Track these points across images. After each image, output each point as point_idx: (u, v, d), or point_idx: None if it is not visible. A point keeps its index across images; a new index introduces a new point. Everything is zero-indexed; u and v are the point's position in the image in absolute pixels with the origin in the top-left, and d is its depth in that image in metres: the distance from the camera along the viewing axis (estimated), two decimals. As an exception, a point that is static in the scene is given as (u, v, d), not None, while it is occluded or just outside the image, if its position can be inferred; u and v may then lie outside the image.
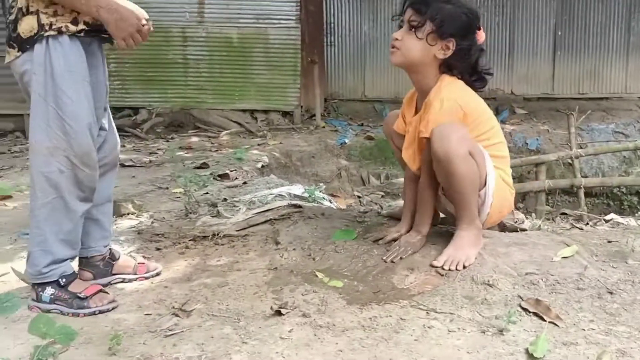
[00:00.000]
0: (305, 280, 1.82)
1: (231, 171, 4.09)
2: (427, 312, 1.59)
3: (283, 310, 1.59)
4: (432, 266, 1.84)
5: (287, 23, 6.53)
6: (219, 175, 3.86)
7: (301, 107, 6.98)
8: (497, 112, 7.04)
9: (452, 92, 1.87)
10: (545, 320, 1.50)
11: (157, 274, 1.96)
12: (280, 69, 6.68)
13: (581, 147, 5.35)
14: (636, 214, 5.94)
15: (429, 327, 1.50)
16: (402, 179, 4.97)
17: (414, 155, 2.00)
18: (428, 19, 1.86)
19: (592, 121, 6.79)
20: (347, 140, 6.46)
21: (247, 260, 2.05)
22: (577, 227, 2.45)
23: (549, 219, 4.32)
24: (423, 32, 1.86)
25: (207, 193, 3.21)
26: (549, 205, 5.81)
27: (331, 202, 3.25)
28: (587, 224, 2.71)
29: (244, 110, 6.78)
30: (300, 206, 2.59)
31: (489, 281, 1.74)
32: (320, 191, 3.35)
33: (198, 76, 6.61)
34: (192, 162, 4.48)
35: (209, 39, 6.55)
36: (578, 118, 5.49)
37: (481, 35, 1.96)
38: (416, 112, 2.02)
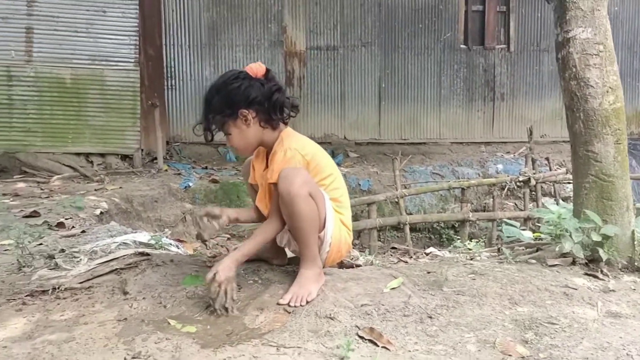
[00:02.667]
0: (158, 329, 1.85)
1: (66, 219, 3.88)
2: (277, 348, 1.71)
3: (136, 361, 1.60)
4: (279, 304, 1.98)
5: (125, 65, 6.41)
6: (52, 224, 3.65)
7: (142, 150, 6.83)
8: (333, 156, 7.57)
9: (292, 142, 2.09)
10: (378, 346, 1.72)
11: (-8, 335, 1.83)
12: (118, 112, 6.50)
13: (405, 187, 5.99)
14: (452, 246, 6.71)
15: (279, 362, 1.62)
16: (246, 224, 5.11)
17: (267, 204, 2.16)
18: (217, 124, 2.12)
19: (413, 164, 7.61)
20: (191, 184, 6.44)
21: (93, 313, 2.00)
22: (402, 260, 2.79)
23: (380, 253, 4.74)
24: (229, 127, 2.11)
25: (41, 244, 3.02)
26: (380, 240, 6.36)
27: (178, 248, 3.26)
28: (411, 257, 3.09)
29: (78, 154, 6.44)
30: (147, 254, 2.58)
31: (330, 314, 1.92)
32: (166, 237, 3.34)
33: (25, 117, 6.17)
34: (20, 210, 4.15)
35: (39, 79, 6.17)
36: (402, 161, 6.14)
37: (254, 69, 2.12)
38: (267, 166, 2.19)
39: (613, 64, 2.51)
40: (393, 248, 6.50)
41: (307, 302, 1.97)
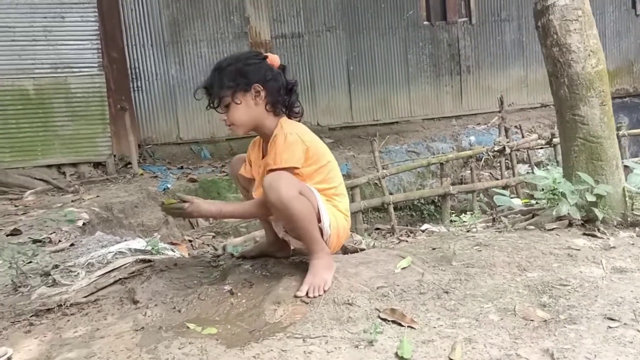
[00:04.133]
0: (178, 334, 1.82)
1: (50, 234, 3.79)
2: (303, 340, 1.71)
3: (167, 368, 1.58)
4: (296, 297, 1.98)
5: (89, 71, 6.25)
6: (38, 240, 3.56)
7: (114, 156, 6.69)
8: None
9: (293, 128, 2.07)
10: (403, 326, 1.74)
11: (9, 359, 1.78)
12: (86, 119, 6.34)
13: (384, 168, 6.02)
14: (434, 220, 6.80)
15: (309, 353, 1.63)
16: (232, 219, 5.07)
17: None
18: (225, 91, 2.04)
19: (388, 144, 7.66)
20: (169, 185, 6.35)
21: (108, 326, 1.96)
22: (403, 240, 2.82)
23: (370, 235, 4.77)
24: (233, 100, 2.04)
25: (30, 262, 2.94)
26: (365, 223, 6.40)
27: (174, 252, 3.22)
28: (409, 235, 3.12)
29: (49, 166, 6.28)
30: (149, 260, 2.54)
31: (348, 300, 1.93)
32: (160, 241, 3.29)
33: (-10, 134, 5.97)
34: (-1, 229, 4.04)
35: (0, 93, 5.96)
36: (379, 142, 6.17)
37: (273, 59, 2.14)
38: (263, 156, 2.17)
39: (592, 27, 2.56)
40: (377, 229, 6.56)
41: (324, 292, 1.97)
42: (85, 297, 2.28)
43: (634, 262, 2.07)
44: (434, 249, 2.38)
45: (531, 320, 1.70)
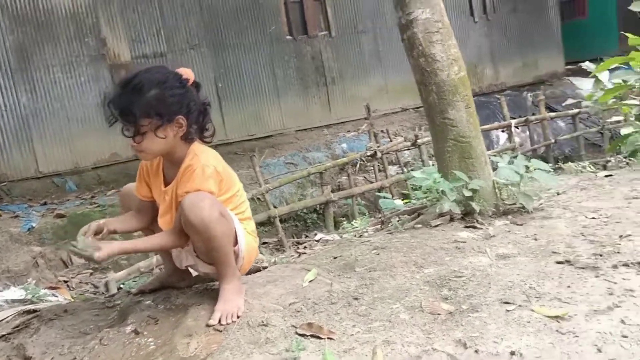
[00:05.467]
0: (86, 386, 1.69)
1: None
2: (224, 370, 1.67)
3: None
4: (208, 326, 1.92)
5: None
6: None
7: (-36, 198, 6.00)
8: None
9: (209, 159, 1.99)
10: (322, 338, 1.76)
11: None
12: None
13: (267, 182, 6.05)
14: (318, 227, 6.94)
15: (234, 382, 1.59)
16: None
17: (170, 220, 2.04)
18: (145, 120, 1.90)
19: (266, 158, 7.71)
20: (34, 224, 5.84)
21: (0, 391, 1.76)
22: (301, 253, 2.86)
23: (267, 251, 4.76)
24: (153, 131, 1.92)
25: None
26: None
27: (57, 296, 2.97)
28: (305, 247, 3.18)
29: None
30: (34, 310, 2.31)
31: (263, 321, 1.91)
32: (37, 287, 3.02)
33: None
34: None
35: None
36: (260, 157, 6.19)
37: (188, 75, 2.01)
38: (165, 180, 2.06)
39: (452, 37, 2.81)
40: (264, 243, 6.56)
41: (238, 317, 1.94)
42: (-38, 362, 2.02)
43: (514, 248, 2.30)
44: (335, 257, 2.44)
45: (438, 314, 1.81)
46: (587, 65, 6.98)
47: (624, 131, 6.72)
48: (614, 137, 7.83)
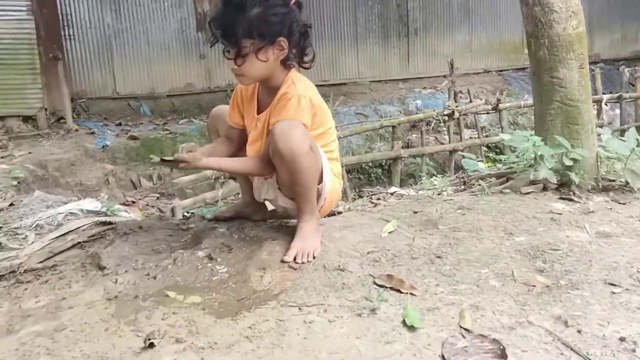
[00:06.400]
0: (158, 303, 1.66)
1: (-19, 193, 3.45)
2: (299, 308, 1.60)
3: (155, 341, 1.43)
4: (283, 262, 1.86)
5: (17, 15, 5.70)
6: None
7: (45, 109, 6.20)
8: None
9: (305, 89, 1.89)
10: (403, 293, 1.66)
11: (-39, 335, 1.56)
12: (14, 68, 5.81)
13: (337, 130, 5.92)
14: (381, 183, 6.79)
15: (310, 322, 1.52)
16: (182, 178, 4.83)
17: (260, 149, 1.97)
18: (247, 41, 1.80)
19: (338, 105, 7.55)
20: (108, 143, 5.99)
21: (75, 295, 1.77)
22: (377, 203, 2.74)
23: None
24: (255, 53, 1.81)
25: (-37, 224, 2.64)
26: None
27: (130, 213, 3.00)
28: (379, 198, 3.05)
29: (-28, 119, 5.73)
30: (110, 222, 2.32)
31: (339, 266, 1.83)
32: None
33: None
34: None
35: None
36: (334, 103, 6.05)
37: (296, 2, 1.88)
38: (259, 108, 1.99)
39: (574, -12, 2.52)
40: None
41: (314, 257, 1.86)
42: (40, 262, 2.06)
43: (617, 227, 2.09)
44: (415, 212, 2.31)
45: (533, 285, 1.66)
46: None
47: None
48: None
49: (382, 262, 1.87)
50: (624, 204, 2.36)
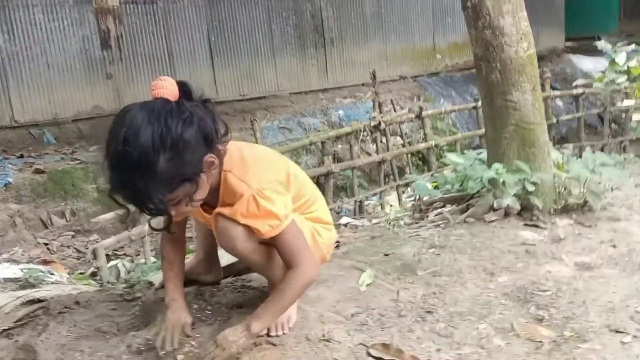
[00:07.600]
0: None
1: None
2: (293, 402, 1.38)
3: None
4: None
5: None
6: None
7: None
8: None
9: (259, 177, 1.55)
10: (404, 365, 1.49)
11: None
12: None
13: (265, 148, 5.68)
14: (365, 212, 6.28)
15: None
16: (103, 216, 4.38)
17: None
18: (173, 194, 1.41)
19: (263, 123, 7.30)
20: (10, 180, 5.37)
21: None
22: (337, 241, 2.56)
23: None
24: (187, 194, 1.45)
25: None
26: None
27: (54, 274, 2.61)
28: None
29: None
30: (40, 300, 1.96)
31: (324, 335, 1.62)
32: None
33: None
34: None
35: None
36: (262, 120, 5.80)
37: (169, 87, 1.46)
38: (205, 206, 1.61)
39: (523, 9, 2.48)
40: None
41: (290, 328, 1.64)
42: (-46, 365, 1.68)
43: (594, 256, 2.05)
44: (387, 255, 2.15)
45: (539, 341, 1.55)
46: (602, 44, 6.75)
47: (636, 117, 6.56)
48: (617, 121, 7.66)
49: (370, 325, 1.69)
50: (590, 226, 2.34)
